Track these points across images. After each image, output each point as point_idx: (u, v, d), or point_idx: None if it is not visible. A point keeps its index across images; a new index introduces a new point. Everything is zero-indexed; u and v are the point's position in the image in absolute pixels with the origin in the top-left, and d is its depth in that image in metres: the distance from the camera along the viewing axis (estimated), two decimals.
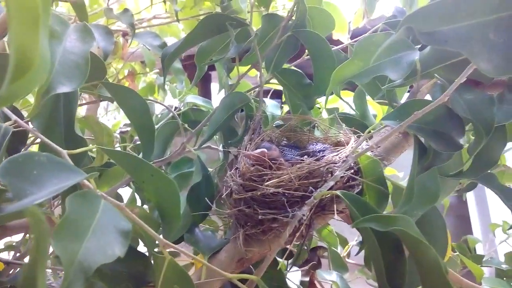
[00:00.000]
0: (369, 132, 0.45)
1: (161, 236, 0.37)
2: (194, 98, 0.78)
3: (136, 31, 0.92)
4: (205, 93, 1.65)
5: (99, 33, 0.78)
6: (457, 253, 0.95)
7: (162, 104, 0.63)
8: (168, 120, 0.69)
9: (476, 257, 1.00)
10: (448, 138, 0.40)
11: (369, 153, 0.45)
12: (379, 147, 0.44)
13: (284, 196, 0.43)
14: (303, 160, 0.46)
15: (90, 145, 0.44)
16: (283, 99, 0.99)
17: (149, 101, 0.63)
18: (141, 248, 0.49)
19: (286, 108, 1.02)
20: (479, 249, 1.43)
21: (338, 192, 0.40)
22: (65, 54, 0.40)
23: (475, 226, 1.66)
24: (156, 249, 0.46)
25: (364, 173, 0.44)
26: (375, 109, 0.94)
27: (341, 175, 0.42)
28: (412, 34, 0.29)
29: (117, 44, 1.42)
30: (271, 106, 0.88)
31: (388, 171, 1.05)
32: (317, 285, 0.77)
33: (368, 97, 0.74)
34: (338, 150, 0.47)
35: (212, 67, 0.77)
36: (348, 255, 1.06)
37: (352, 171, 0.44)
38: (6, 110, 0.42)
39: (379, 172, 0.43)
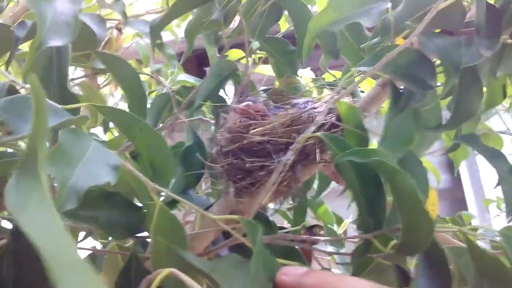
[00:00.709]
0: (347, 78, 0.47)
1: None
2: (186, 77, 0.80)
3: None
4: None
5: (92, 20, 0.81)
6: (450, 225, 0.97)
7: (152, 77, 0.65)
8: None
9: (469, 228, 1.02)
10: (420, 80, 0.42)
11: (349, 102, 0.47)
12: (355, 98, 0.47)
13: (269, 144, 0.45)
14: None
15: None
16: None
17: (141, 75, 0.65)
18: None
19: None
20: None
21: (319, 134, 0.42)
22: (56, 14, 0.43)
23: (471, 209, 1.68)
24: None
25: (344, 120, 0.46)
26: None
27: (322, 121, 0.44)
28: None
29: (111, 39, 1.45)
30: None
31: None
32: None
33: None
34: (319, 101, 0.49)
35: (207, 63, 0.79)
36: (344, 233, 1.08)
37: (333, 118, 0.46)
38: (1, 70, 0.45)
39: (358, 118, 0.46)
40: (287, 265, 0.36)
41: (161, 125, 0.68)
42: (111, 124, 0.81)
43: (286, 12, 0.64)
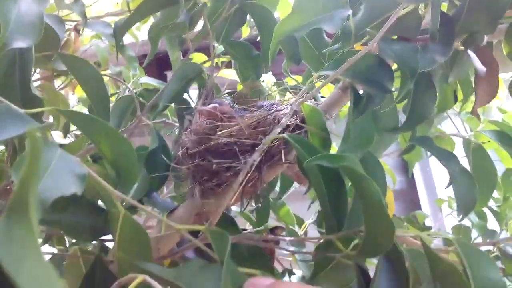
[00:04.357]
0: (310, 82, 0.49)
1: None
2: (148, 79, 0.80)
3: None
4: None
5: (51, 22, 0.79)
6: (406, 224, 1.01)
7: (114, 78, 0.64)
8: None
9: (424, 228, 1.06)
10: (379, 84, 0.45)
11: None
12: (321, 98, 0.48)
13: (236, 145, 0.46)
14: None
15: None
16: None
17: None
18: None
19: None
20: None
21: (285, 135, 0.43)
22: (20, 15, 0.42)
23: (425, 209, 1.75)
24: None
25: (307, 122, 0.48)
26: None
27: (287, 122, 0.46)
28: None
29: (68, 41, 1.41)
30: None
31: None
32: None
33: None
34: (284, 103, 0.50)
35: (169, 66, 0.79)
36: (305, 233, 1.10)
37: (298, 120, 0.48)
38: None
39: (321, 120, 0.47)
40: (253, 275, 0.36)
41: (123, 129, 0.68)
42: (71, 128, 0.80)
43: (249, 18, 0.66)
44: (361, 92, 0.49)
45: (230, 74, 1.02)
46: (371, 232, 0.38)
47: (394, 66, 0.51)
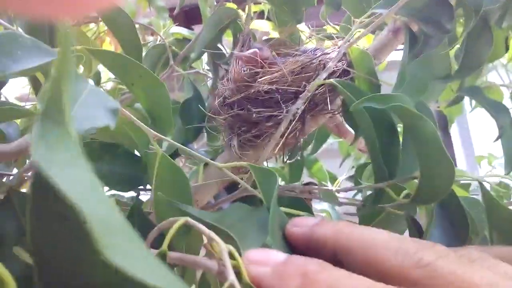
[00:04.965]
0: (360, 22, 0.45)
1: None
2: (179, 29, 0.77)
3: None
4: None
5: None
6: None
7: (146, 27, 0.61)
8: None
9: (462, 185, 1.02)
10: (437, 22, 0.40)
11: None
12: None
13: (277, 93, 0.43)
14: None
15: None
16: None
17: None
18: None
19: None
20: None
21: (332, 81, 0.40)
22: None
23: (460, 165, 1.70)
24: None
25: (355, 67, 0.44)
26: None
27: (334, 67, 0.42)
28: None
29: None
30: None
31: None
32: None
33: None
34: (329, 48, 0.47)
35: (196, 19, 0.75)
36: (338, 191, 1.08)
37: (345, 64, 0.44)
38: None
39: (370, 65, 0.44)
40: (296, 216, 0.34)
41: None
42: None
43: None
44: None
45: (261, 27, 0.98)
46: (428, 176, 0.35)
47: None
